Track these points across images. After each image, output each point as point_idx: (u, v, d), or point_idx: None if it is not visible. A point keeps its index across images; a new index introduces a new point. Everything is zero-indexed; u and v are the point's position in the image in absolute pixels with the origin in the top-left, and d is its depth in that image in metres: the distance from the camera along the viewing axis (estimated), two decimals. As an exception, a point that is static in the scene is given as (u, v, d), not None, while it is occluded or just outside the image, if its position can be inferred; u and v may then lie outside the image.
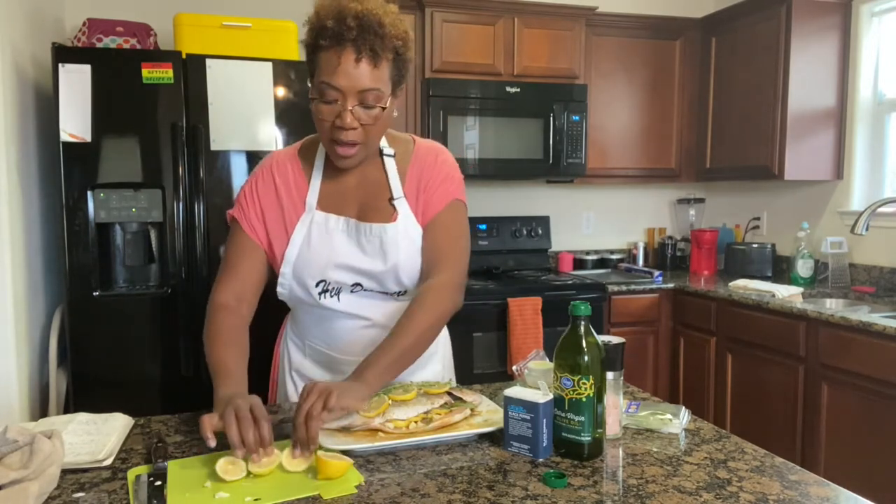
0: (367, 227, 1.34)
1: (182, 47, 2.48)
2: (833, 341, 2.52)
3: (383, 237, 1.33)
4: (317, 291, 1.35)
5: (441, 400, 1.24)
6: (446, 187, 1.39)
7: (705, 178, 3.76)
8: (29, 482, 0.94)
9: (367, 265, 1.34)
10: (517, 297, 3.03)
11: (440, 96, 3.15)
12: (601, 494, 0.99)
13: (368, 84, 1.21)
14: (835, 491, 1.00)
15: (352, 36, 1.18)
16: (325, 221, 1.35)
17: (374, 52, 1.19)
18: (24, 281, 2.22)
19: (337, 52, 1.19)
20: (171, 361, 2.44)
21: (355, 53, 1.19)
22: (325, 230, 1.34)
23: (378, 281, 1.36)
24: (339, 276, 1.35)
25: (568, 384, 1.10)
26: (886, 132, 3.18)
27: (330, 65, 1.20)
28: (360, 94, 1.21)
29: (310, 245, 1.34)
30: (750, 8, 3.36)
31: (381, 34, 1.20)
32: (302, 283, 1.36)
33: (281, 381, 1.54)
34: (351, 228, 1.35)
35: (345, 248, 1.34)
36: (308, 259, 1.34)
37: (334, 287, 1.36)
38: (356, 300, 1.38)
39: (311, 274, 1.34)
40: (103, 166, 2.34)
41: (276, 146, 2.50)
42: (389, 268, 1.34)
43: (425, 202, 1.37)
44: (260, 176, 1.39)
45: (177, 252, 2.43)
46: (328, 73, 1.20)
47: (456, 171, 1.43)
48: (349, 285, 1.36)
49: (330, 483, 1.02)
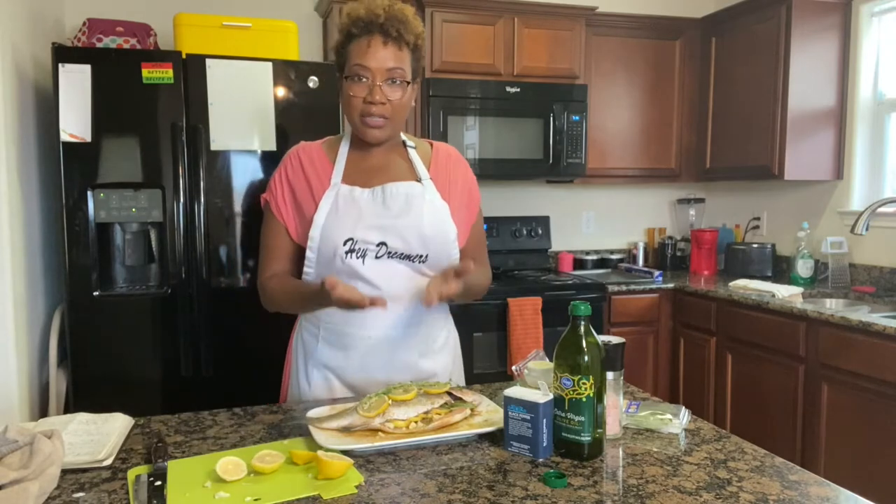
0: (393, 186, 1.45)
1: (182, 47, 2.48)
2: (833, 341, 2.52)
3: (409, 193, 1.45)
4: (344, 250, 1.41)
5: (441, 400, 1.24)
6: (477, 193, 1.60)
7: (705, 178, 3.76)
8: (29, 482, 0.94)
9: (392, 220, 1.43)
10: (517, 297, 3.03)
11: (440, 96, 3.15)
12: (601, 494, 0.99)
13: (394, 63, 1.39)
14: (835, 491, 1.00)
15: (380, 22, 1.37)
16: (350, 192, 1.45)
17: (399, 36, 1.39)
18: (24, 281, 2.22)
19: (367, 38, 1.38)
20: (171, 361, 2.44)
21: (383, 38, 1.38)
22: (352, 199, 1.44)
23: (403, 238, 1.43)
24: (367, 234, 1.42)
25: (568, 384, 1.10)
26: (886, 132, 3.18)
27: (361, 49, 1.39)
28: (388, 72, 1.39)
29: (337, 210, 1.44)
30: (750, 8, 3.36)
31: (405, 22, 1.40)
32: (330, 243, 1.42)
33: (294, 377, 1.55)
34: (377, 194, 1.45)
35: (371, 209, 1.44)
36: (336, 221, 1.43)
37: (361, 247, 1.42)
38: (379, 266, 1.43)
39: (340, 233, 1.42)
40: (103, 166, 2.34)
41: (276, 146, 2.50)
42: (415, 223, 1.43)
43: (468, 199, 1.55)
44: (288, 162, 1.52)
45: (177, 252, 2.43)
46: (360, 56, 1.39)
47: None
48: (375, 245, 1.42)
49: (330, 483, 1.02)
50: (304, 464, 1.08)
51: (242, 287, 2.51)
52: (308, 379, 1.51)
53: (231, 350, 2.48)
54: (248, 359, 2.49)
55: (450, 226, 1.47)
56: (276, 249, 1.51)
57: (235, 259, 2.50)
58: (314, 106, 2.54)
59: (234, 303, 2.49)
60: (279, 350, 1.65)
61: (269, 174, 2.47)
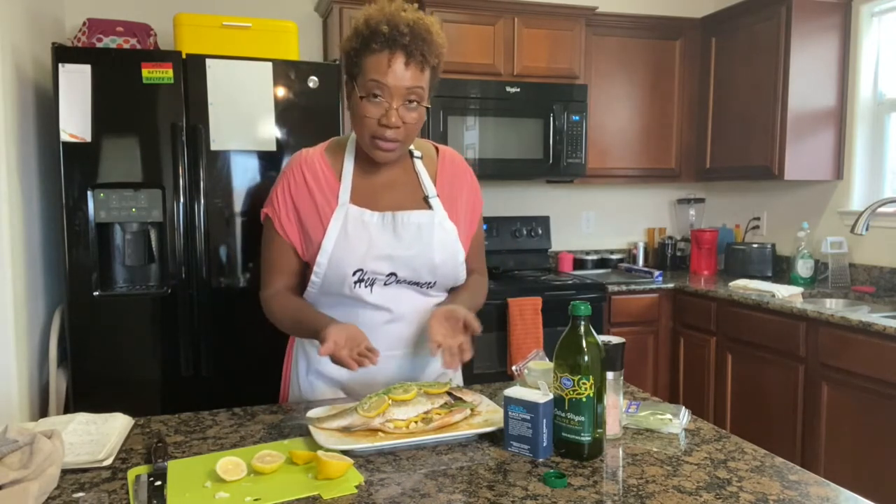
0: (404, 215, 1.41)
1: (182, 47, 2.48)
2: (833, 341, 2.52)
3: (421, 223, 1.41)
4: (353, 280, 1.39)
5: (441, 400, 1.24)
6: (480, 202, 1.57)
7: (705, 178, 3.76)
8: (29, 482, 0.94)
9: (404, 252, 1.40)
10: (517, 297, 3.03)
11: (440, 96, 3.14)
12: (601, 494, 0.99)
13: (413, 83, 1.30)
14: (835, 491, 1.00)
15: (405, 41, 1.28)
16: (360, 215, 1.40)
17: (422, 58, 1.30)
18: (24, 281, 2.22)
19: (389, 55, 1.28)
20: (171, 361, 2.44)
21: (405, 57, 1.29)
22: (361, 223, 1.39)
23: (413, 269, 1.41)
24: (377, 265, 1.39)
25: (568, 384, 1.10)
26: (886, 132, 3.18)
27: (381, 65, 1.29)
28: (407, 91, 1.30)
29: (347, 236, 1.38)
30: (750, 8, 3.36)
31: (430, 42, 1.31)
32: (339, 272, 1.39)
33: (294, 381, 1.54)
34: (387, 221, 1.40)
35: (381, 238, 1.39)
36: (346, 249, 1.38)
37: (370, 277, 1.40)
38: (387, 292, 1.42)
39: (350, 263, 1.38)
40: (103, 166, 2.34)
41: (276, 146, 2.50)
42: (426, 253, 1.40)
43: (471, 213, 1.52)
44: (290, 174, 1.44)
45: (177, 252, 2.43)
46: (379, 73, 1.29)
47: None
48: (384, 275, 1.40)
49: (330, 483, 1.02)
50: (304, 464, 1.08)
51: (242, 287, 2.51)
52: (312, 388, 1.50)
53: (231, 350, 2.48)
54: (248, 359, 2.49)
55: (458, 249, 1.45)
56: (279, 266, 1.46)
57: (235, 259, 2.50)
58: (314, 106, 2.54)
59: (234, 303, 2.49)
60: (279, 350, 1.65)
61: (269, 174, 2.50)
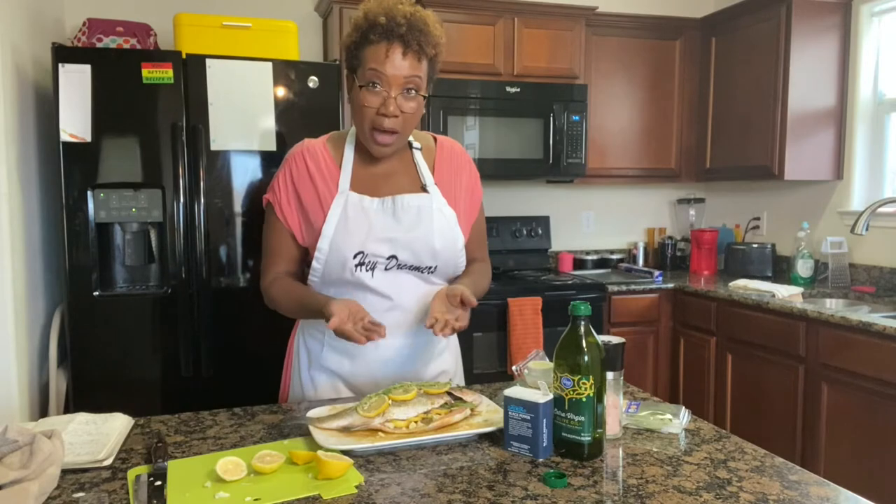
0: (403, 198, 1.43)
1: (182, 47, 2.48)
2: (833, 341, 2.52)
3: (420, 206, 1.43)
4: (353, 263, 1.40)
5: (441, 400, 1.24)
6: (480, 190, 1.58)
7: (705, 178, 3.76)
8: (29, 482, 0.94)
9: (403, 234, 1.41)
10: (517, 297, 3.03)
11: (440, 96, 3.15)
12: (601, 494, 0.99)
13: (411, 72, 1.34)
14: (835, 491, 1.00)
15: (401, 31, 1.32)
16: (359, 201, 1.42)
17: (419, 48, 1.34)
18: (24, 281, 2.22)
19: (386, 46, 1.33)
20: (171, 361, 2.44)
21: (402, 47, 1.33)
22: (361, 209, 1.42)
23: (413, 252, 1.42)
24: (377, 248, 1.40)
25: (568, 384, 1.10)
26: (886, 132, 3.18)
27: (379, 55, 1.33)
28: (405, 81, 1.34)
29: (347, 220, 1.41)
30: (750, 8, 3.36)
31: (426, 33, 1.35)
32: (340, 256, 1.40)
33: (296, 377, 1.55)
34: (387, 205, 1.43)
35: (381, 221, 1.41)
36: (346, 233, 1.40)
37: (371, 261, 1.41)
38: (388, 278, 1.43)
39: (350, 246, 1.40)
40: (103, 166, 2.34)
41: (276, 146, 2.50)
42: (426, 236, 1.42)
43: (470, 199, 1.53)
44: (292, 161, 1.47)
45: (177, 252, 2.43)
46: (377, 62, 1.33)
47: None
48: (385, 258, 1.41)
49: (330, 483, 1.02)
50: (304, 464, 1.08)
51: (242, 287, 2.51)
52: (314, 383, 1.50)
53: (231, 350, 2.49)
54: (248, 359, 2.49)
55: (458, 234, 1.47)
56: (279, 252, 1.49)
57: (235, 259, 2.50)
58: (314, 106, 2.54)
59: (234, 303, 2.49)
60: (279, 350, 1.65)
61: (269, 174, 2.50)
